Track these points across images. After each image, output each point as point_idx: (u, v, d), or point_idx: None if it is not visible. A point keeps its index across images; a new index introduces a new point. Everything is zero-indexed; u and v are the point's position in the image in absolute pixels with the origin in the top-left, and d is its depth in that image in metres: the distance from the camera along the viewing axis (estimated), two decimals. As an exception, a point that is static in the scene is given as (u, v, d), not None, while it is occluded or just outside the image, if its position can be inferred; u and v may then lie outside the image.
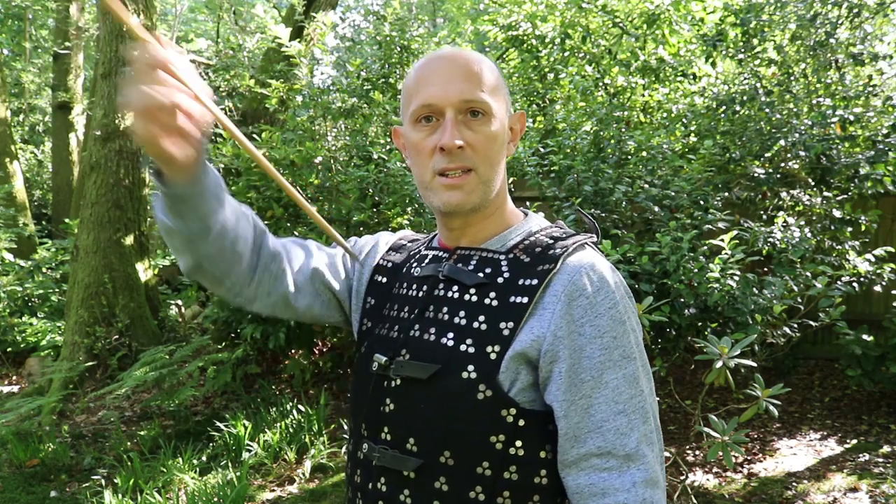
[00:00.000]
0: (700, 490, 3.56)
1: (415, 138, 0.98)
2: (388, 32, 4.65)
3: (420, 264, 1.06)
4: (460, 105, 0.95)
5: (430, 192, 0.99)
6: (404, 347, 0.98)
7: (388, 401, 0.97)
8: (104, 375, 5.68)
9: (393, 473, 0.95)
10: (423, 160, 0.98)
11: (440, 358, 0.94)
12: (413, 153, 1.00)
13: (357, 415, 1.03)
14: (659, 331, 3.45)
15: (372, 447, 0.98)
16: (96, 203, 6.02)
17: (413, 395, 0.95)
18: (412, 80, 1.00)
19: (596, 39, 6.17)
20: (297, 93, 4.80)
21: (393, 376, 0.97)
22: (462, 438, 0.91)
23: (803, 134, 4.36)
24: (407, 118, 1.01)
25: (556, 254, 0.94)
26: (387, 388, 0.98)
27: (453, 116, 0.95)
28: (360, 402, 1.02)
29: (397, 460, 0.95)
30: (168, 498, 3.46)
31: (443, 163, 0.95)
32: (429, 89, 0.96)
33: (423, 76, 0.98)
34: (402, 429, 0.95)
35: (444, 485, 0.92)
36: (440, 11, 17.29)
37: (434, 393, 0.93)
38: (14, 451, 4.32)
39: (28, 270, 7.72)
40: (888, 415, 4.53)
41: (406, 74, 1.05)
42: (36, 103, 15.08)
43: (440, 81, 0.96)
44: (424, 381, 0.94)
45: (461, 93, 0.95)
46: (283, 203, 4.35)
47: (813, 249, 3.98)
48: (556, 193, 3.98)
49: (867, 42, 4.87)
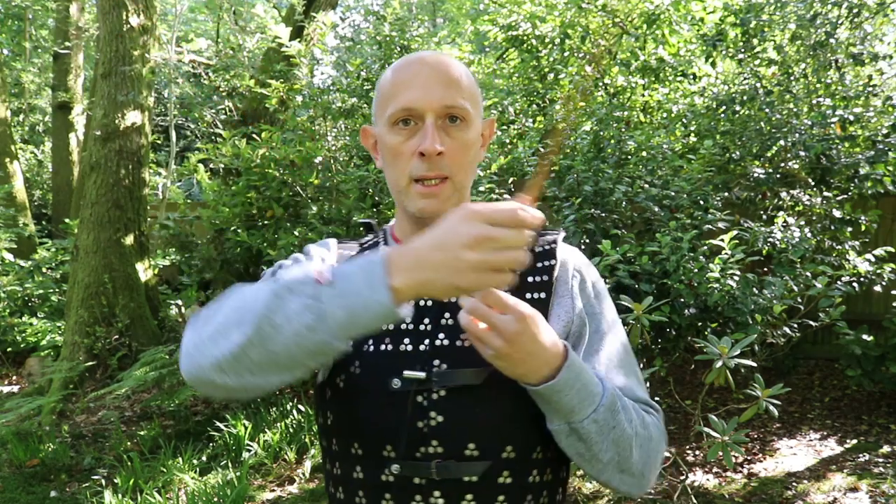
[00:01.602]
0: (700, 490, 3.56)
1: (392, 141, 0.97)
2: (388, 32, 4.65)
3: None
4: (441, 110, 0.95)
5: (405, 197, 0.99)
6: (437, 358, 0.95)
7: (432, 414, 0.94)
8: (104, 375, 5.68)
9: (451, 483, 0.94)
10: (399, 164, 0.97)
11: (482, 361, 0.93)
12: (389, 156, 0.99)
13: (372, 438, 0.96)
14: (659, 331, 3.45)
15: (411, 466, 0.94)
16: (96, 203, 6.02)
17: (464, 402, 0.94)
18: (389, 82, 0.99)
19: (596, 40, 6.17)
20: (297, 93, 4.79)
21: (436, 389, 0.94)
22: (522, 430, 0.96)
23: (803, 134, 4.36)
24: (383, 120, 0.99)
25: (551, 249, 1.04)
26: (428, 402, 0.94)
27: (433, 121, 0.95)
28: (376, 425, 0.95)
29: (460, 468, 0.94)
30: (168, 498, 3.47)
31: (421, 170, 0.95)
32: (409, 93, 0.95)
33: (403, 79, 0.97)
34: (458, 438, 0.94)
35: (507, 478, 0.96)
36: (440, 11, 17.30)
37: (489, 395, 0.95)
38: (14, 451, 4.32)
39: (28, 270, 7.72)
40: (888, 415, 4.53)
41: (385, 73, 1.03)
42: (36, 103, 15.08)
43: (421, 85, 0.95)
44: (477, 386, 0.94)
45: (442, 98, 0.95)
46: (283, 203, 4.35)
47: (813, 249, 3.98)
48: (556, 193, 3.98)
49: (867, 42, 4.87)
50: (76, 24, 10.60)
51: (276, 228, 4.25)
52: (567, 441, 0.94)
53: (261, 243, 4.13)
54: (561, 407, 0.91)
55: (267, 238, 4.16)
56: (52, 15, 11.60)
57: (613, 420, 0.94)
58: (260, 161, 4.27)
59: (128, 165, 6.15)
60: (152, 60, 6.42)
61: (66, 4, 10.50)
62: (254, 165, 4.29)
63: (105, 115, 6.12)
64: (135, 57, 6.17)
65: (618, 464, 0.96)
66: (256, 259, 4.55)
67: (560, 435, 0.94)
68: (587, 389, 0.92)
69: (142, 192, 6.29)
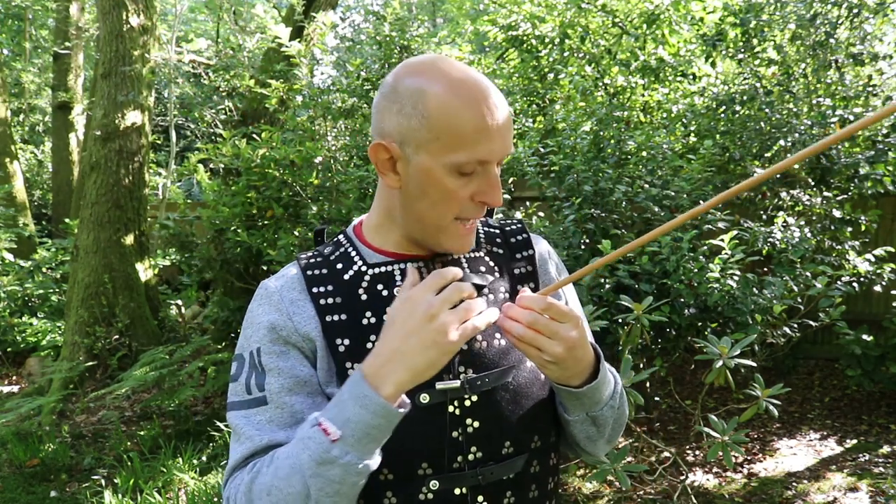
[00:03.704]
0: (700, 490, 3.56)
1: (451, 184, 0.89)
2: (387, 32, 4.65)
3: (391, 284, 0.96)
4: (502, 159, 0.93)
5: (441, 234, 0.94)
6: (462, 365, 0.95)
7: (468, 421, 0.93)
8: (104, 375, 5.68)
9: (493, 484, 0.94)
10: (450, 205, 0.91)
11: (505, 359, 0.96)
12: (439, 195, 0.90)
13: (404, 460, 0.92)
14: (659, 331, 3.45)
15: (451, 478, 0.92)
16: (96, 203, 6.02)
17: (497, 403, 0.95)
18: (461, 119, 0.87)
19: (595, 39, 6.17)
20: (297, 93, 4.79)
21: (468, 395, 0.93)
22: (544, 417, 1.00)
23: (803, 134, 4.36)
24: (445, 159, 0.88)
25: (525, 239, 1.07)
26: (462, 410, 0.93)
27: (497, 171, 0.92)
28: (407, 445, 0.92)
29: (502, 468, 0.95)
30: (168, 498, 3.47)
31: (474, 212, 0.93)
32: (490, 145, 0.88)
33: (481, 125, 0.87)
34: (495, 440, 0.95)
35: (535, 466, 0.99)
36: (440, 11, 17.29)
37: (514, 391, 0.96)
38: (14, 451, 4.32)
39: (28, 270, 7.72)
40: (888, 415, 4.53)
41: (437, 94, 0.88)
42: (36, 103, 15.07)
43: (500, 136, 0.89)
44: (504, 385, 0.96)
45: (507, 149, 0.91)
46: (283, 203, 4.35)
47: (813, 249, 3.98)
48: (555, 193, 3.98)
49: (867, 42, 4.87)
50: (76, 24, 10.59)
51: (276, 228, 4.25)
52: (581, 427, 0.98)
53: (261, 243, 4.13)
54: (590, 401, 0.94)
55: (267, 238, 4.16)
56: (52, 15, 11.59)
57: (620, 401, 1.01)
58: (260, 161, 4.26)
59: (128, 165, 6.15)
60: (152, 60, 6.42)
61: (66, 4, 10.50)
62: (254, 165, 4.29)
63: (105, 115, 6.12)
64: (135, 57, 6.17)
65: (609, 438, 1.03)
66: (256, 259, 4.55)
67: (576, 423, 0.98)
68: (608, 382, 0.97)
69: (142, 192, 6.30)
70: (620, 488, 3.53)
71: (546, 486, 1.01)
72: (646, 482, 3.62)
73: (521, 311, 0.85)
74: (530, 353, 0.86)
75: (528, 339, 0.84)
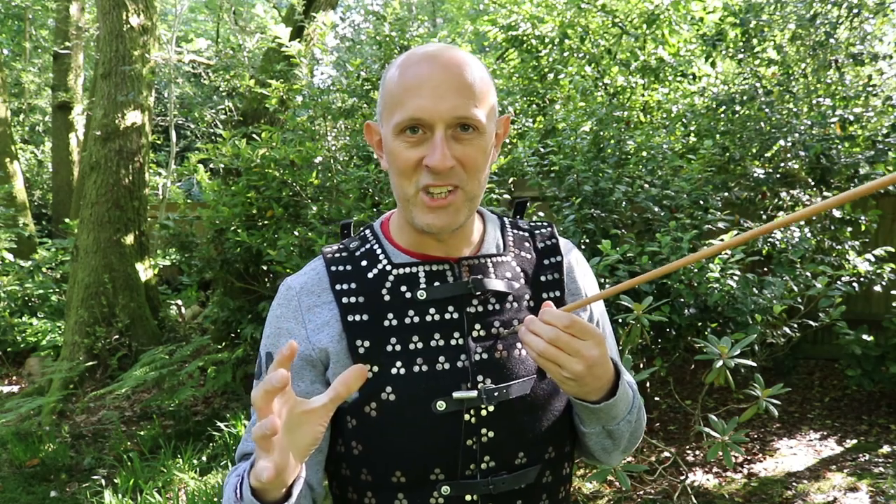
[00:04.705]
0: (700, 490, 3.56)
1: (397, 149, 0.90)
2: (387, 32, 4.65)
3: (415, 286, 0.96)
4: (451, 121, 0.88)
5: (412, 208, 0.92)
6: (481, 374, 0.93)
7: (483, 431, 0.93)
8: (104, 375, 5.68)
9: (505, 494, 0.94)
10: (405, 173, 0.90)
11: (526, 370, 0.95)
12: (394, 164, 0.92)
13: (418, 464, 0.93)
14: (659, 331, 3.45)
15: (462, 485, 0.93)
16: (96, 203, 6.02)
17: (511, 414, 0.94)
18: (396, 83, 0.90)
19: (595, 39, 6.17)
20: (297, 93, 4.79)
21: (485, 405, 0.93)
22: (560, 428, 0.99)
23: (803, 134, 4.36)
24: (389, 125, 0.91)
25: (554, 244, 1.05)
26: (477, 419, 0.93)
27: (443, 133, 0.88)
28: (421, 450, 0.92)
29: (515, 479, 0.95)
30: (168, 498, 3.47)
31: (429, 179, 0.89)
32: (417, 101, 0.87)
33: (411, 83, 0.88)
34: (509, 450, 0.95)
35: (548, 477, 0.99)
36: (440, 11, 17.29)
37: (531, 403, 0.96)
38: (14, 451, 4.33)
39: (28, 270, 7.72)
40: (888, 415, 4.53)
41: (391, 68, 0.94)
42: (36, 103, 15.07)
43: (431, 93, 0.87)
44: (522, 396, 0.95)
45: (454, 109, 0.87)
46: (283, 203, 4.35)
47: (813, 249, 3.98)
48: (556, 193, 3.98)
49: (867, 42, 4.87)
50: (76, 24, 10.60)
51: (276, 228, 4.25)
52: (596, 439, 0.98)
53: (261, 243, 4.13)
54: (607, 416, 0.93)
55: (267, 238, 4.16)
56: (52, 15, 11.59)
57: (638, 415, 1.00)
58: (260, 161, 4.27)
59: (128, 165, 6.15)
60: (152, 60, 6.42)
61: (66, 4, 10.51)
62: (254, 165, 4.29)
63: (105, 115, 6.12)
64: (135, 57, 6.17)
65: (625, 449, 1.02)
66: (256, 259, 4.55)
67: (591, 435, 0.97)
68: (627, 396, 0.95)
69: (142, 192, 6.30)
70: (620, 488, 3.53)
71: (557, 496, 1.01)
72: (646, 482, 3.62)
73: (543, 326, 0.83)
74: (550, 369, 0.84)
75: (549, 355, 0.82)
